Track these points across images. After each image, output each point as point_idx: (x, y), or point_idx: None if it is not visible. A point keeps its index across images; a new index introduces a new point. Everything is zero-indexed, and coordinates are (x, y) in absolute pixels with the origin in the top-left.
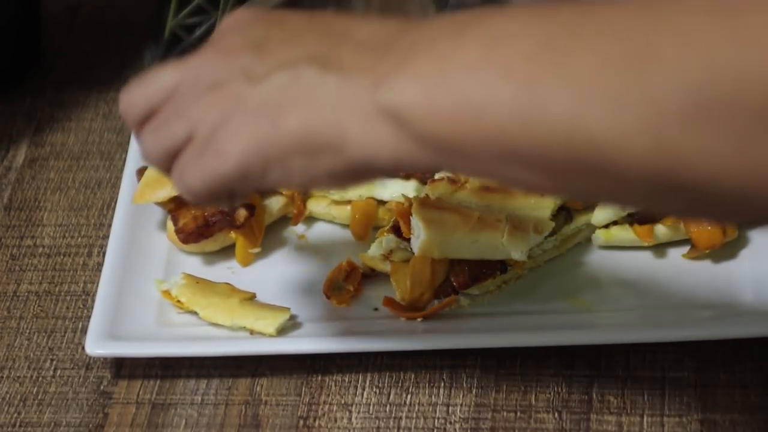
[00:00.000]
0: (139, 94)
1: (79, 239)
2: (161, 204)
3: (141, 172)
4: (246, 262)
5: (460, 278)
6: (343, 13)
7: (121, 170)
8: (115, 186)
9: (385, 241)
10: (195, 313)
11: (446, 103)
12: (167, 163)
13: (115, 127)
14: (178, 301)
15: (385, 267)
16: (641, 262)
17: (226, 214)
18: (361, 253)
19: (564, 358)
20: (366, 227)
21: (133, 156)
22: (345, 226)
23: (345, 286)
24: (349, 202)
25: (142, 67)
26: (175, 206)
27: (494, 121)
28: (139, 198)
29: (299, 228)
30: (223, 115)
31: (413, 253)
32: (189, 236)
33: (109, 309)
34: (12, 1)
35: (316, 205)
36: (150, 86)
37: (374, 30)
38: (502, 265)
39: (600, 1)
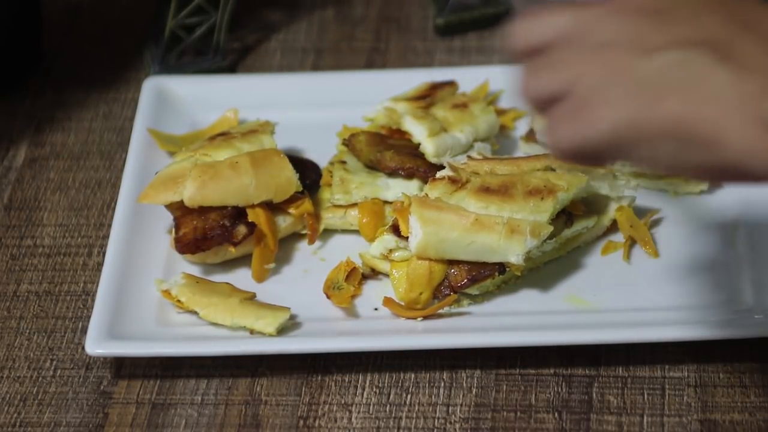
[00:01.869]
0: (534, 27)
1: (79, 239)
2: (168, 207)
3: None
4: (261, 278)
5: (459, 278)
6: None
7: (121, 170)
8: (115, 186)
9: (384, 240)
10: (195, 313)
11: None
12: (540, 104)
13: (115, 127)
14: (178, 301)
15: (386, 266)
16: (641, 262)
17: (225, 230)
18: (361, 252)
19: (564, 358)
20: (375, 228)
21: (134, 156)
22: (356, 231)
23: (345, 285)
24: (354, 205)
25: (142, 67)
26: (181, 213)
27: None
28: (144, 198)
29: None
30: (606, 79)
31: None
32: (185, 247)
33: (109, 309)
34: (12, 1)
35: (333, 216)
36: (546, 23)
37: None
38: (500, 266)
39: None
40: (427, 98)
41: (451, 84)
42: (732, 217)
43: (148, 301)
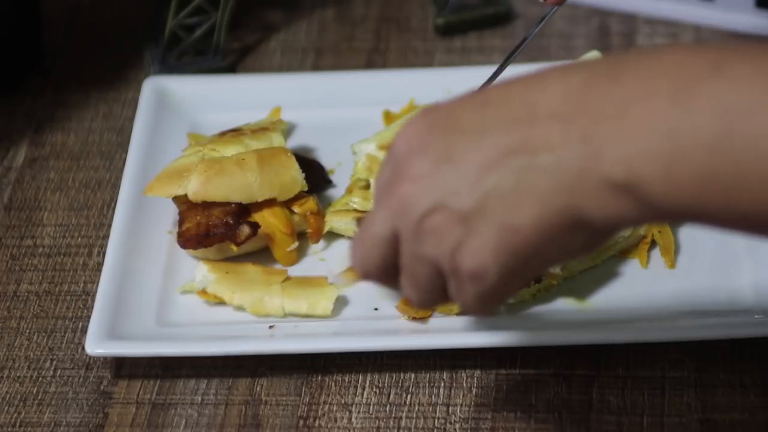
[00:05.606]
0: (368, 257)
1: (79, 239)
2: (175, 200)
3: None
4: (290, 262)
5: None
6: (502, 85)
7: (121, 170)
8: (115, 186)
9: None
10: (242, 309)
11: (691, 180)
12: (443, 299)
13: (115, 127)
14: (215, 296)
15: None
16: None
17: (228, 228)
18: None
19: (564, 358)
20: None
21: (133, 156)
22: None
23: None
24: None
25: (142, 67)
26: (186, 207)
27: (747, 195)
28: (149, 190)
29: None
30: (455, 240)
31: None
32: (187, 242)
33: (109, 309)
34: (12, 1)
35: (339, 221)
36: (372, 246)
37: (558, 94)
38: None
39: None
40: None
41: None
42: None
43: (148, 301)
